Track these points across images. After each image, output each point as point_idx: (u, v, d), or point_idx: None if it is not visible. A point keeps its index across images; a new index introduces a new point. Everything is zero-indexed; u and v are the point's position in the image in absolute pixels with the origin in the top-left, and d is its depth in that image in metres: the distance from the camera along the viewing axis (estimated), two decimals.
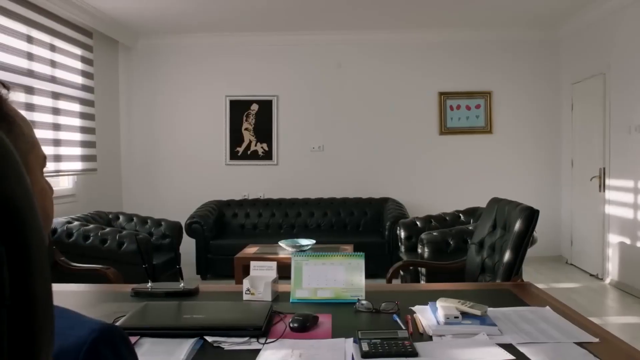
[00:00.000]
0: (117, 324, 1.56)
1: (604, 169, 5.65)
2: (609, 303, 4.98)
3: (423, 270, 4.17)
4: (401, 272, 4.56)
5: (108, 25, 6.09)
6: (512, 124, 6.67)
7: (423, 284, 3.79)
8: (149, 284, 2.06)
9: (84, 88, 5.85)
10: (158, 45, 6.87)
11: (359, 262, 1.88)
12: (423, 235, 4.33)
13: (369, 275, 3.67)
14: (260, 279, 1.92)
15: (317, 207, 6.52)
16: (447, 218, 5.16)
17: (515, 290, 2.00)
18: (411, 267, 4.30)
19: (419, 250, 4.33)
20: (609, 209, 5.57)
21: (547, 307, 1.75)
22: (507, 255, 2.38)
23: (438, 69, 6.76)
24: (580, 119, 6.19)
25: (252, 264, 1.98)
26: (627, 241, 5.31)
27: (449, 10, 5.90)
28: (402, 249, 5.02)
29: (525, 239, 2.36)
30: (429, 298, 1.76)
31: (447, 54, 6.75)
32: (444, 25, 6.49)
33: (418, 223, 5.07)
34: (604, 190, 5.65)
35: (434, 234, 4.33)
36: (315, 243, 4.72)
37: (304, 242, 4.68)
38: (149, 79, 6.92)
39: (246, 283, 1.89)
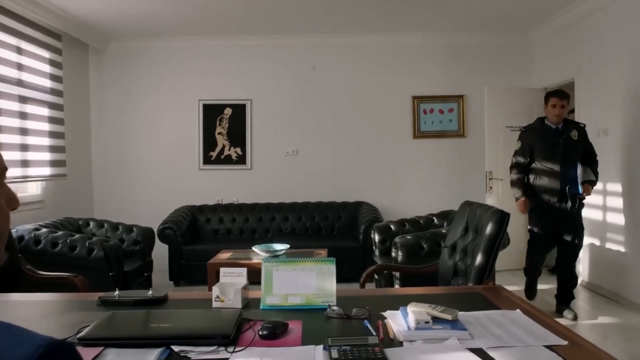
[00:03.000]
0: (81, 334, 1.52)
1: None
2: (580, 304, 5.04)
3: (397, 274, 4.18)
4: (376, 276, 4.56)
5: (78, 28, 5.98)
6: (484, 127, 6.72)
7: (395, 289, 3.80)
8: (117, 292, 2.01)
9: (53, 92, 5.73)
10: (130, 48, 6.78)
11: (330, 268, 1.86)
12: (397, 239, 4.34)
13: (344, 279, 3.66)
14: (230, 285, 1.89)
15: (292, 211, 6.49)
16: (421, 221, 5.18)
17: (486, 294, 2.01)
18: (385, 271, 4.31)
19: (393, 254, 4.33)
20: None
21: (518, 310, 1.75)
22: (478, 259, 2.39)
23: (411, 73, 6.80)
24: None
25: (222, 270, 1.95)
26: (597, 242, 5.39)
27: (423, 15, 5.94)
28: (377, 252, 5.02)
29: (496, 242, 2.37)
30: (400, 303, 1.75)
31: (420, 58, 6.80)
32: (417, 29, 6.53)
33: (392, 227, 5.08)
34: None
35: (408, 237, 4.34)
36: (289, 248, 4.70)
37: (278, 247, 4.65)
38: (121, 82, 6.82)
39: (215, 290, 1.86)
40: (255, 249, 4.57)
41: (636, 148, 4.74)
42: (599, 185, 5.44)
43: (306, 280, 1.85)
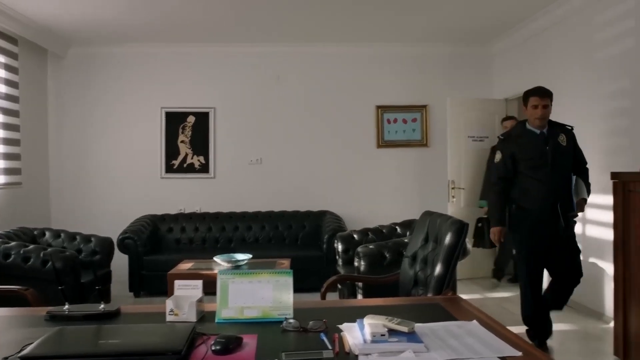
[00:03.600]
0: (24, 352, 1.45)
1: None
2: None
3: (360, 284, 4.17)
4: (339, 286, 4.54)
5: (35, 32, 5.82)
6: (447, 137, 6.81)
7: (354, 300, 3.78)
8: (66, 306, 1.93)
9: (8, 97, 5.57)
10: (91, 54, 6.64)
11: (287, 280, 1.83)
12: (359, 249, 4.33)
13: (307, 289, 3.64)
14: (185, 298, 1.84)
15: (255, 220, 6.44)
16: (384, 230, 5.19)
17: (444, 304, 2.01)
18: (347, 281, 4.30)
19: (356, 264, 4.32)
20: None
21: (474, 321, 1.75)
22: (438, 269, 2.40)
23: (376, 83, 6.84)
24: None
25: (177, 283, 1.90)
26: None
27: (386, 25, 5.99)
28: (340, 262, 5.01)
29: (455, 252, 2.38)
30: (359, 314, 1.73)
31: (384, 68, 6.85)
32: (381, 40, 6.59)
33: (355, 236, 5.07)
34: None
35: (370, 247, 4.34)
36: (252, 257, 4.65)
37: (240, 257, 4.60)
38: (81, 89, 6.66)
39: (169, 303, 1.81)
40: (217, 259, 4.51)
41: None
42: None
43: (263, 293, 1.82)
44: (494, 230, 3.95)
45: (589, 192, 3.92)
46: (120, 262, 5.63)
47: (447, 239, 2.39)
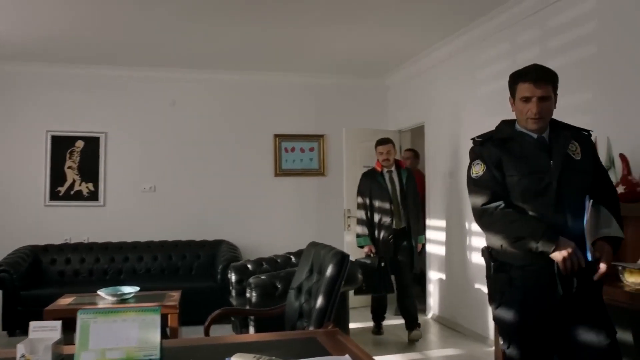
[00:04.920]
0: None
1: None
2: (431, 337, 5.28)
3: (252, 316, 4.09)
4: (232, 318, 4.43)
5: None
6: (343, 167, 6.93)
7: (231, 336, 3.71)
8: None
9: None
10: None
11: (155, 318, 1.74)
12: (251, 279, 4.25)
13: (200, 322, 3.50)
14: (40, 341, 1.69)
15: (147, 250, 6.19)
16: (279, 260, 5.14)
17: (321, 338, 1.99)
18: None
19: (247, 295, 4.23)
20: (429, 247, 5.96)
21: (347, 356, 1.75)
22: (319, 301, 2.39)
23: (274, 112, 6.88)
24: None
25: (32, 324, 1.75)
26: (444, 277, 5.71)
27: (284, 55, 6.06)
28: (233, 293, 4.89)
29: (336, 284, 2.39)
30: (232, 352, 1.67)
31: (283, 97, 6.91)
32: (279, 69, 6.65)
33: (249, 266, 4.98)
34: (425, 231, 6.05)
35: (262, 277, 4.27)
36: (141, 290, 4.43)
37: (127, 289, 4.36)
38: None
39: (20, 348, 1.65)
40: (102, 292, 4.25)
41: None
42: (442, 223, 5.73)
43: (127, 333, 1.71)
44: (562, 250, 2.14)
45: (622, 227, 2.32)
46: None
47: (329, 270, 2.40)
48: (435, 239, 5.90)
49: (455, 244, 5.50)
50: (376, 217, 5.19)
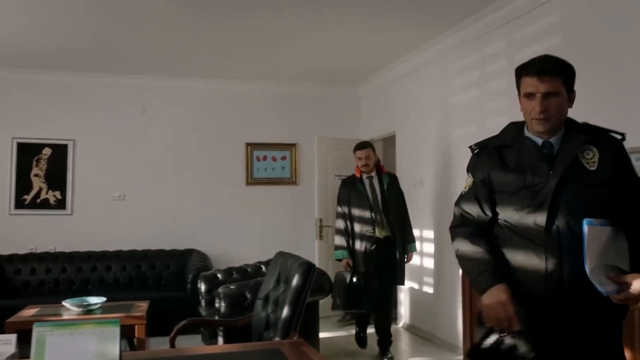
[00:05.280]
0: None
1: None
2: (402, 346, 5.30)
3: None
4: (202, 329, 4.38)
5: None
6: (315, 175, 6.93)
7: (195, 347, 3.63)
8: None
9: None
10: None
11: (113, 330, 1.71)
12: (220, 289, 4.21)
13: (168, 332, 3.45)
14: None
15: (116, 260, 6.09)
16: (249, 270, 5.11)
17: (284, 350, 1.98)
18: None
19: (217, 305, 4.19)
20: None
21: None
22: (285, 311, 2.38)
23: (245, 120, 6.85)
24: None
25: None
26: (416, 286, 5.74)
27: (256, 63, 6.05)
28: (203, 303, 4.84)
29: (302, 294, 2.38)
30: None
31: (255, 105, 6.88)
32: (251, 77, 6.63)
33: (219, 275, 4.94)
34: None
35: (231, 287, 4.23)
36: (108, 300, 4.36)
37: (93, 300, 4.28)
38: None
39: None
40: (67, 303, 4.16)
41: (444, 197, 5.15)
42: (414, 232, 5.77)
43: (85, 346, 1.68)
44: (488, 300, 1.87)
45: None
46: None
47: (295, 280, 2.39)
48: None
49: (426, 252, 5.53)
50: (357, 227, 4.82)
